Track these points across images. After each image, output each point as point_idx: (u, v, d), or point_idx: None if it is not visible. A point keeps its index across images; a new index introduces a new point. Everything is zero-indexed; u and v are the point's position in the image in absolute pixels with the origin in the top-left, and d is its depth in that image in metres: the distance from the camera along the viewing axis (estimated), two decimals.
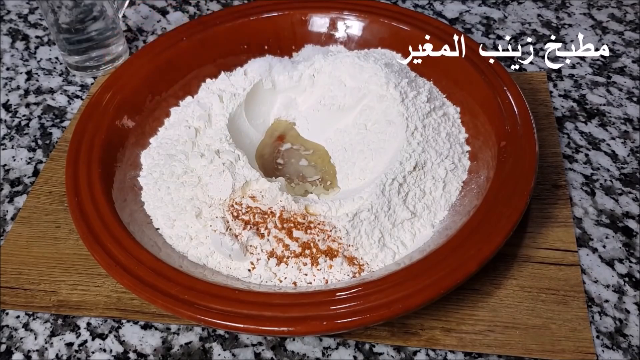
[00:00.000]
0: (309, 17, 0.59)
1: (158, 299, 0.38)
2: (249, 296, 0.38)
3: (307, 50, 0.60)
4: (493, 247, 0.39)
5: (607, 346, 0.41)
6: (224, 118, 0.51)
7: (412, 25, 0.57)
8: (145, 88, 0.53)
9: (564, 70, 0.62)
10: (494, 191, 0.43)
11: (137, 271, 0.39)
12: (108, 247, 0.41)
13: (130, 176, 0.49)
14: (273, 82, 0.55)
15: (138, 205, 0.47)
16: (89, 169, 0.46)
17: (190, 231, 0.44)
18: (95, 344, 0.43)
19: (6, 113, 0.60)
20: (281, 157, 0.53)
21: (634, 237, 0.48)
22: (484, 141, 0.49)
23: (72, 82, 0.64)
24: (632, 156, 0.54)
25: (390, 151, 0.48)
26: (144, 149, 0.52)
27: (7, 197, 0.53)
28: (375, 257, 0.43)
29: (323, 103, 0.54)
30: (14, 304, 0.45)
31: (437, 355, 0.41)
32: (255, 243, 0.43)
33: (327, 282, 0.41)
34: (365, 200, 0.44)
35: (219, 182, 0.45)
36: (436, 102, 0.52)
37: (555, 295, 0.43)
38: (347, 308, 0.37)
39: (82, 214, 0.43)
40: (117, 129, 0.50)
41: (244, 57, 0.58)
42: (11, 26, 0.71)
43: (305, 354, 0.42)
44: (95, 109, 0.51)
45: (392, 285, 0.38)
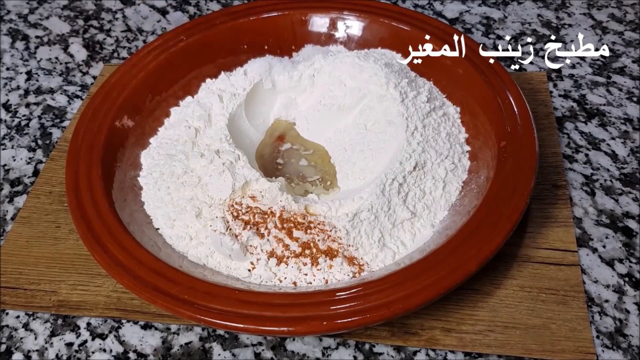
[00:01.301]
0: (308, 17, 0.59)
1: (158, 299, 0.38)
2: (249, 296, 0.38)
3: (307, 50, 0.60)
4: (493, 247, 0.39)
5: (607, 346, 0.41)
6: (224, 118, 0.51)
7: (411, 25, 0.57)
8: (145, 88, 0.53)
9: (564, 70, 0.62)
10: (494, 191, 0.43)
11: (137, 271, 0.39)
12: (108, 247, 0.41)
13: (130, 176, 0.49)
14: (273, 82, 0.55)
15: (138, 205, 0.47)
16: (89, 169, 0.46)
17: (190, 231, 0.44)
18: (95, 344, 0.43)
19: (6, 113, 0.60)
20: (281, 157, 0.53)
21: (634, 237, 0.48)
22: (484, 141, 0.49)
23: (72, 82, 0.64)
24: (632, 156, 0.54)
25: (390, 151, 0.48)
26: (144, 149, 0.52)
27: (7, 197, 0.53)
28: (375, 257, 0.43)
29: (323, 103, 0.54)
30: (14, 304, 0.45)
31: (437, 355, 0.41)
32: (255, 243, 0.43)
33: (327, 282, 0.41)
34: (365, 200, 0.44)
35: (219, 182, 0.45)
36: (436, 102, 0.52)
37: (555, 295, 0.43)
38: (347, 308, 0.37)
39: (82, 214, 0.43)
40: (117, 129, 0.50)
41: (244, 57, 0.58)
42: (11, 26, 0.71)
43: (305, 354, 0.42)
44: (95, 109, 0.51)
45: (392, 285, 0.38)
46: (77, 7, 0.74)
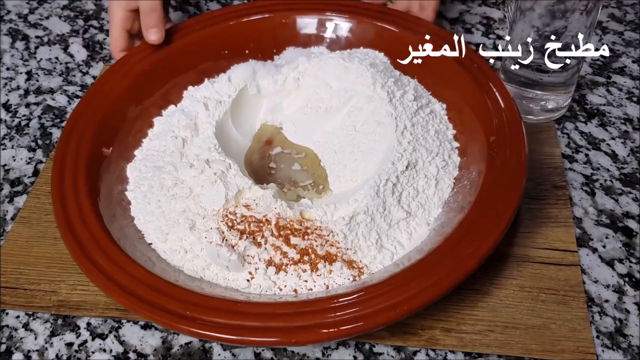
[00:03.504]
0: (289, 20, 0.59)
1: (159, 317, 0.37)
2: (253, 307, 0.38)
3: (289, 52, 0.59)
4: (491, 242, 0.39)
5: (607, 346, 0.41)
6: (210, 126, 0.50)
7: (394, 24, 0.56)
8: (125, 99, 0.52)
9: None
10: (487, 186, 0.43)
11: (135, 289, 0.38)
12: (103, 267, 0.40)
13: (117, 191, 0.47)
14: (258, 87, 0.54)
15: (128, 220, 0.46)
16: (75, 189, 0.44)
17: (185, 244, 0.43)
18: (95, 344, 0.43)
19: (6, 113, 0.60)
20: (273, 161, 0.52)
21: (634, 237, 0.48)
22: (472, 136, 0.49)
23: (72, 82, 0.64)
24: (632, 156, 0.54)
25: (381, 151, 0.48)
26: (129, 162, 0.50)
27: (7, 197, 0.53)
28: (373, 259, 0.43)
29: (309, 106, 0.53)
30: (14, 304, 0.45)
31: (437, 355, 0.41)
32: (253, 252, 0.42)
33: (327, 287, 0.41)
34: (361, 203, 0.43)
35: (211, 193, 0.44)
36: (422, 100, 0.52)
37: (555, 295, 0.43)
38: (353, 313, 0.36)
39: (75, 236, 0.41)
40: (100, 143, 0.48)
41: (225, 63, 0.57)
42: (11, 26, 0.71)
43: (305, 354, 0.42)
44: (75, 124, 0.49)
45: (395, 287, 0.38)
46: (77, 7, 0.74)
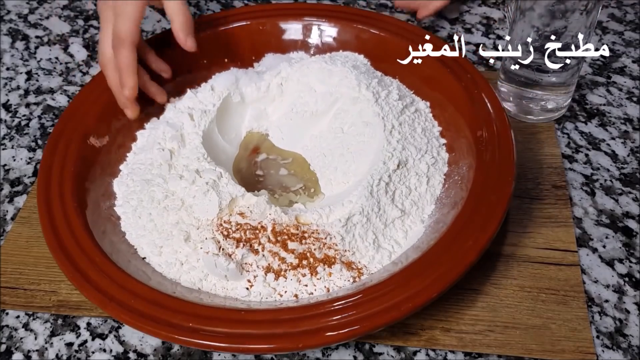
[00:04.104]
0: (266, 27, 0.59)
1: (161, 331, 0.37)
2: (256, 315, 0.38)
3: (268, 59, 0.59)
4: (488, 235, 0.40)
5: (607, 346, 0.41)
6: (197, 136, 0.49)
7: (373, 26, 0.57)
8: (105, 114, 0.51)
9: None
10: (479, 180, 0.43)
11: (135, 304, 0.38)
12: (99, 284, 0.39)
13: (106, 206, 0.47)
14: (241, 94, 0.54)
15: (119, 236, 0.45)
16: (63, 208, 0.44)
17: (180, 256, 0.43)
18: (95, 344, 0.43)
19: (6, 113, 0.60)
20: (259, 168, 0.52)
21: (634, 237, 0.48)
22: (458, 132, 0.49)
23: (72, 82, 0.64)
24: (632, 156, 0.54)
25: (371, 152, 0.48)
26: (115, 177, 0.49)
27: (7, 197, 0.53)
28: (372, 259, 0.43)
29: (295, 111, 0.53)
30: (14, 304, 0.45)
31: (437, 355, 0.41)
32: (250, 260, 0.42)
33: (328, 290, 0.41)
34: (356, 204, 0.44)
35: (204, 203, 0.44)
36: (407, 99, 0.52)
37: (555, 295, 0.43)
38: (357, 314, 0.37)
39: (67, 256, 0.41)
40: (84, 160, 0.48)
41: (205, 73, 0.56)
42: (11, 26, 0.71)
43: (305, 354, 0.42)
44: (57, 141, 0.48)
45: (397, 286, 0.38)
46: (77, 7, 0.74)
